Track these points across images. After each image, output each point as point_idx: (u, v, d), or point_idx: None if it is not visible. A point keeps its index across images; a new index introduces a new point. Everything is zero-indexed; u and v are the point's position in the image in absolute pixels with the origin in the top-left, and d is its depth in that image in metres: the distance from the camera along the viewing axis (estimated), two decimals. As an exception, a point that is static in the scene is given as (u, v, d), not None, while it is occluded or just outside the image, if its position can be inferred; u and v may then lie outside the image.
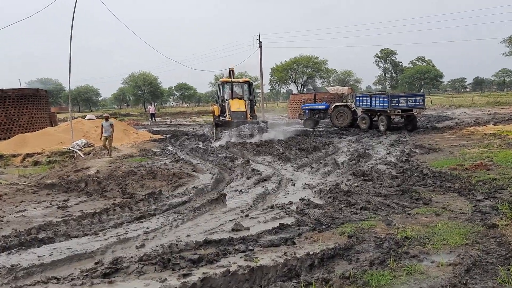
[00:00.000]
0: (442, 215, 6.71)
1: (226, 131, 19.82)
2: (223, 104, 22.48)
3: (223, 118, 21.46)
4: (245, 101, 22.20)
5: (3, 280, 4.86)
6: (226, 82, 23.15)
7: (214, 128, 21.02)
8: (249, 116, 21.50)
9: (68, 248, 5.91)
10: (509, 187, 8.22)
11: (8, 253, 5.83)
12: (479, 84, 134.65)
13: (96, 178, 11.14)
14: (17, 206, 8.69)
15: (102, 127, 16.20)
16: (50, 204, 8.83)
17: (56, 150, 17.81)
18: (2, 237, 6.45)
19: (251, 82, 23.87)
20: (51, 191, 10.07)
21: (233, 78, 23.97)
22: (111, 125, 16.29)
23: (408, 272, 4.67)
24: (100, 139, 16.68)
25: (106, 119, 16.55)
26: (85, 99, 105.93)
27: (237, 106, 21.32)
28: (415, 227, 6.13)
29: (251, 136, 19.32)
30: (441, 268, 4.76)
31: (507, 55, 49.53)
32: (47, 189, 10.25)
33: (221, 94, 23.06)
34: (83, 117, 30.24)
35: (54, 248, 5.96)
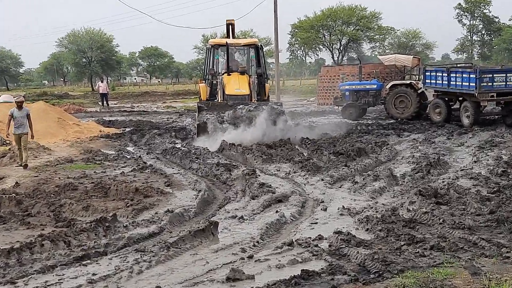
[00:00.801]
0: (561, 260, 6.68)
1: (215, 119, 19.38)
2: (215, 82, 21.99)
3: (210, 102, 21.14)
4: (250, 76, 21.81)
5: None
6: (219, 46, 22.70)
7: (196, 116, 20.50)
8: (254, 100, 20.97)
9: (-31, 304, 5.93)
10: None
11: None
12: None
13: (14, 195, 11.11)
14: None
15: (12, 118, 15.32)
16: None
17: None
18: None
19: (261, 46, 23.62)
20: None
21: (232, 38, 23.90)
22: (28, 116, 15.52)
23: None
24: (7, 136, 16.26)
25: (19, 105, 15.65)
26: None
27: (237, 84, 21.03)
28: (518, 279, 6.09)
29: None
30: None
31: None
32: None
33: (211, 66, 22.54)
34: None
35: None
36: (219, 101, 20.88)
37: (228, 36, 23.94)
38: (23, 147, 15.06)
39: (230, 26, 24.05)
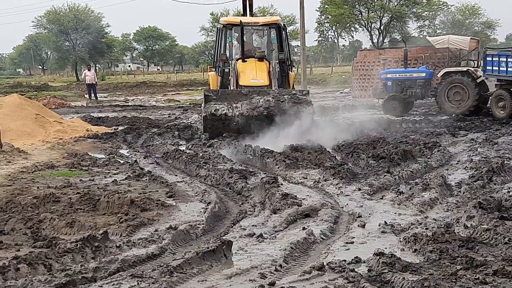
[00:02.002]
0: None
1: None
2: (226, 70, 21.80)
3: (221, 90, 21.03)
4: (270, 63, 21.77)
5: None
6: (233, 25, 22.56)
7: (203, 106, 20.31)
8: (273, 89, 20.81)
9: None
10: None
11: None
12: None
13: (-17, 208, 11.22)
14: None
15: None
16: None
17: None
18: None
19: (284, 26, 23.48)
20: None
21: (249, 15, 23.94)
22: None
23: None
24: None
25: None
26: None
27: (253, 73, 21.03)
28: None
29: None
30: None
31: None
32: None
33: (222, 50, 22.55)
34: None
35: None
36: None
37: (244, 14, 23.93)
38: None
39: (249, 3, 23.75)
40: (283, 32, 22.90)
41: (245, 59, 21.57)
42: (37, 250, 8.85)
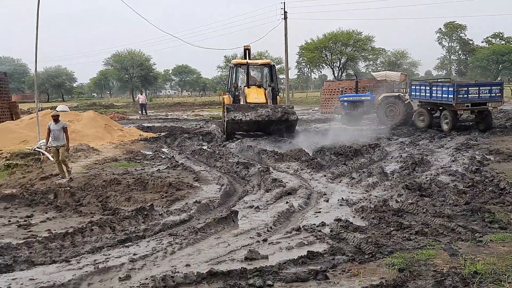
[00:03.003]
0: (526, 244, 6.63)
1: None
2: (237, 93, 22.77)
3: (237, 104, 21.85)
4: (265, 89, 22.51)
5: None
6: (241, 65, 23.51)
7: (225, 115, 21.45)
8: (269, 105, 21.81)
9: (31, 279, 5.97)
10: None
11: (-45, 284, 5.91)
12: None
13: (68, 188, 11.21)
14: (-34, 223, 8.82)
15: (49, 131, 13.44)
16: (9, 221, 8.94)
17: (18, 150, 17.96)
18: None
19: (273, 65, 24.15)
20: (10, 204, 10.21)
21: (250, 59, 24.33)
22: (64, 129, 13.60)
23: (479, 319, 4.62)
24: (47, 150, 15.26)
25: (55, 119, 13.57)
26: (56, 85, 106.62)
27: (255, 95, 21.85)
28: (488, 259, 6.06)
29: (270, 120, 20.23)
30: (524, 315, 4.69)
31: None
32: (4, 201, 10.40)
33: (233, 80, 23.23)
34: (53, 108, 30.52)
35: (13, 279, 6.03)
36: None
37: (245, 58, 24.43)
38: (61, 160, 13.23)
39: (247, 50, 24.54)
40: (273, 69, 23.71)
41: (249, 86, 22.53)
42: (105, 216, 8.86)
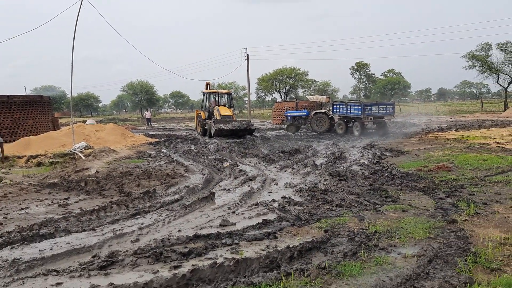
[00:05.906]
0: (408, 211, 6.78)
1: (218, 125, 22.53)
2: (210, 110, 25.05)
3: (214, 119, 23.75)
4: (230, 107, 25.13)
5: (6, 273, 4.77)
6: (212, 92, 26.28)
7: (213, 125, 22.92)
8: (235, 119, 24.20)
9: (68, 243, 5.82)
10: (468, 187, 8.35)
11: (11, 248, 5.73)
12: (442, 94, 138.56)
13: (95, 178, 10.99)
14: (20, 204, 8.54)
15: None
16: (52, 202, 8.70)
17: (58, 152, 17.52)
18: (6, 232, 6.33)
19: (231, 93, 27.14)
20: (52, 190, 9.92)
21: (210, 89, 27.17)
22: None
23: (377, 263, 4.71)
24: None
25: None
26: (86, 105, 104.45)
27: (225, 111, 24.16)
28: (384, 222, 6.18)
29: (239, 129, 22.24)
30: (407, 259, 4.81)
31: (467, 69, 50.08)
32: (49, 188, 10.10)
33: (208, 102, 25.80)
34: (84, 121, 29.85)
35: (54, 243, 5.87)
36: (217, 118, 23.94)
37: (207, 88, 27.18)
38: None
39: (208, 84, 27.45)
40: (231, 96, 26.75)
41: (219, 105, 25.00)
42: (121, 198, 8.69)
